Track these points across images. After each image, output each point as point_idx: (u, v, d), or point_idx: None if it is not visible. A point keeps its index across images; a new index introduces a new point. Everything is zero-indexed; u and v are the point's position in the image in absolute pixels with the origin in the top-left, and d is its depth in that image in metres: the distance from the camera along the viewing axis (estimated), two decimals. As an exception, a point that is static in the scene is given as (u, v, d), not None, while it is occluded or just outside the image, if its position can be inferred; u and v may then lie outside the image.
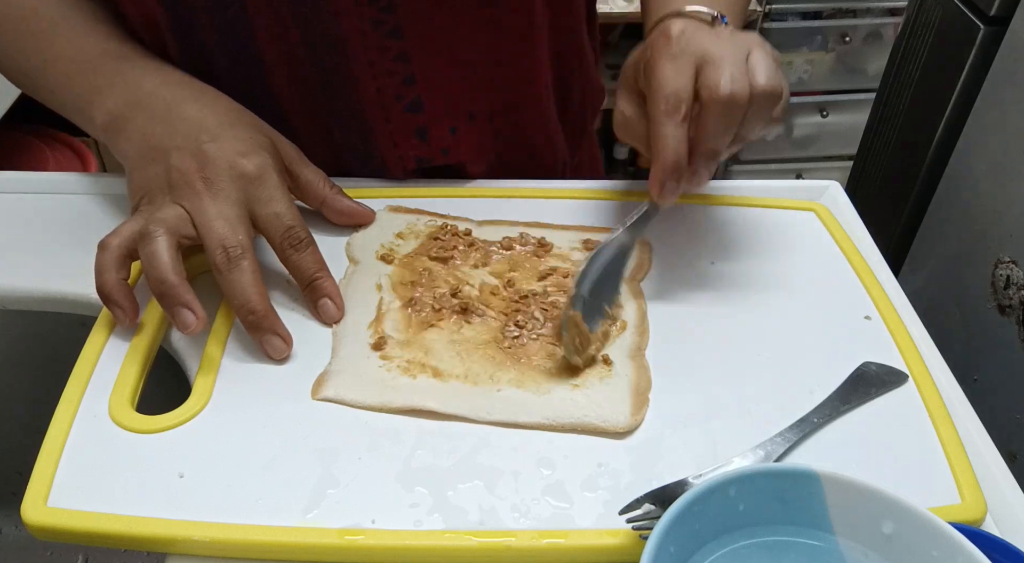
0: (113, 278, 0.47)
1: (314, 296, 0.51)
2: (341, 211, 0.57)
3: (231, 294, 0.47)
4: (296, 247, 0.50)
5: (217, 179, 0.48)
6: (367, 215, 0.58)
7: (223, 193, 0.48)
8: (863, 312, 0.53)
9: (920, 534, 0.35)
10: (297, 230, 0.50)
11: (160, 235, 0.46)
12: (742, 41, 0.48)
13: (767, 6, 1.71)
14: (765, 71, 0.47)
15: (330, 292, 0.51)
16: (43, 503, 0.40)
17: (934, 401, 0.47)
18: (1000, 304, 0.98)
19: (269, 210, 0.49)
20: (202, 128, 0.50)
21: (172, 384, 0.49)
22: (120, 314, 0.47)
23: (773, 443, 0.44)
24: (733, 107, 0.46)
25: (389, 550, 0.39)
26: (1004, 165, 0.97)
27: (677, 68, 0.47)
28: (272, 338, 0.48)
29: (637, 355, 0.49)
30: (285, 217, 0.50)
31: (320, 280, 0.51)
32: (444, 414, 0.45)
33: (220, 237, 0.47)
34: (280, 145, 0.54)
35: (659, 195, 0.49)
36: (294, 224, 0.50)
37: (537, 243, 0.57)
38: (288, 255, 0.50)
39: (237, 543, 0.39)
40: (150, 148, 0.50)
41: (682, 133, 0.47)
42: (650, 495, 0.40)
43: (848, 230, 0.60)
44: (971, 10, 1.01)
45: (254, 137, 0.51)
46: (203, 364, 0.47)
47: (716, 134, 0.47)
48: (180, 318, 0.46)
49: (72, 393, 0.45)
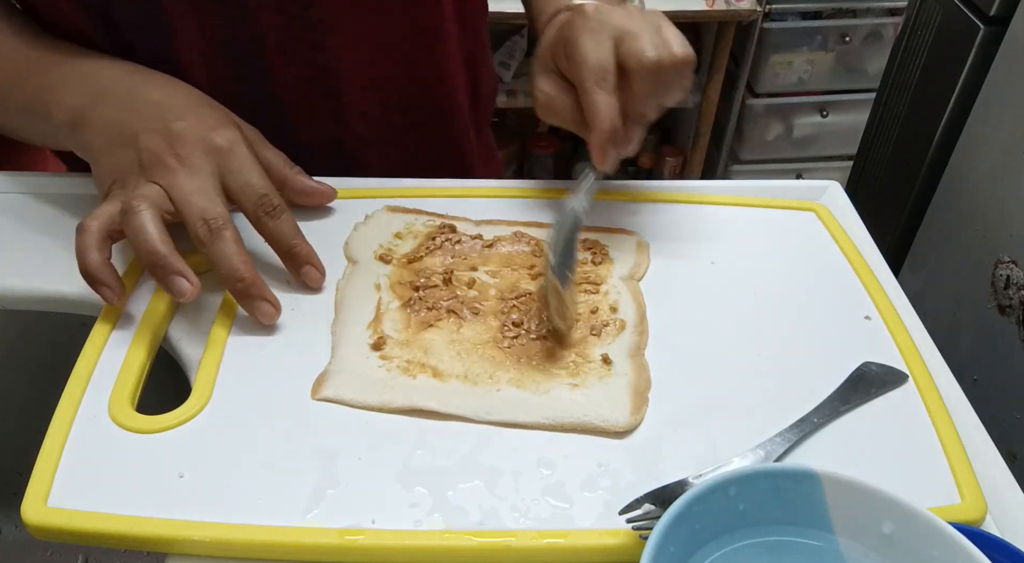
0: (96, 258, 0.47)
1: (296, 263, 0.52)
2: (301, 191, 0.57)
3: (218, 264, 0.48)
4: (271, 214, 0.51)
5: (189, 155, 0.49)
6: (327, 194, 0.58)
7: (197, 167, 0.49)
8: (863, 312, 0.53)
9: (920, 534, 0.35)
10: (270, 197, 0.51)
11: (144, 209, 0.46)
12: (652, 17, 0.52)
13: (767, 6, 1.71)
14: (679, 41, 0.50)
15: (309, 258, 0.52)
16: (43, 503, 0.40)
17: (934, 401, 0.47)
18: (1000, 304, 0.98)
19: (241, 180, 0.50)
20: (168, 109, 0.51)
21: (172, 384, 0.49)
22: (108, 293, 0.47)
23: (773, 443, 0.44)
24: (659, 72, 0.50)
25: (389, 550, 0.39)
26: (1004, 165, 0.97)
27: (598, 41, 0.50)
28: (261, 304, 0.49)
29: (636, 355, 0.49)
30: (258, 186, 0.51)
31: (298, 246, 0.51)
32: (444, 414, 0.45)
33: (200, 210, 0.47)
34: (242, 126, 0.54)
35: (602, 162, 0.52)
36: (267, 192, 0.51)
37: (534, 242, 0.57)
38: (264, 223, 0.51)
39: (237, 543, 0.39)
40: (119, 134, 0.50)
41: (614, 101, 0.50)
42: (650, 495, 0.40)
43: (848, 230, 0.60)
44: (971, 10, 1.01)
45: (219, 115, 0.52)
46: (203, 364, 0.47)
47: (645, 99, 0.51)
48: (175, 286, 0.46)
49: (72, 393, 0.45)
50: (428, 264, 0.55)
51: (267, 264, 0.54)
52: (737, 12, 1.69)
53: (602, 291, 0.53)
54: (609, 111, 0.50)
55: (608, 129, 0.50)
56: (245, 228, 0.51)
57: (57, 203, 0.60)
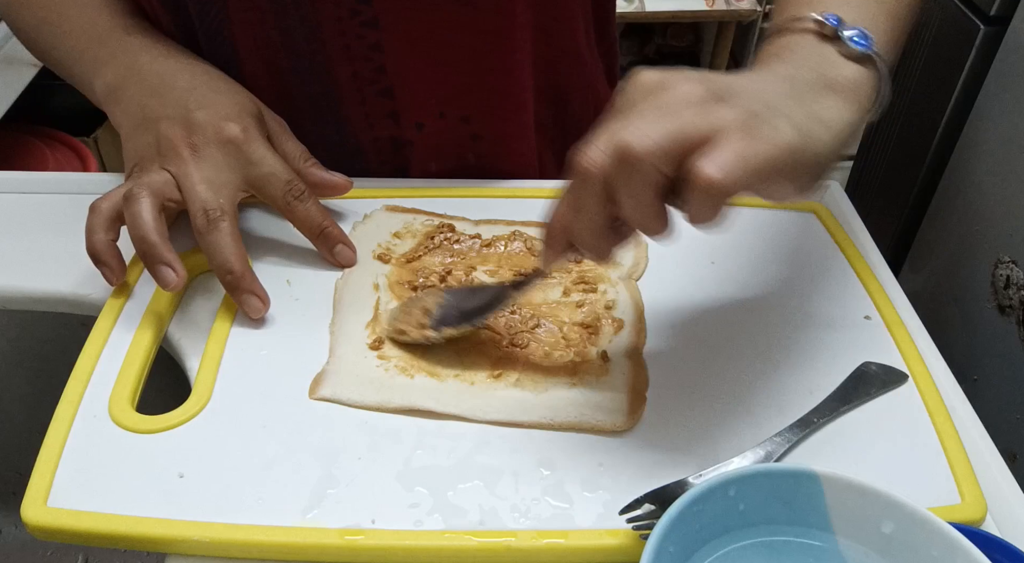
0: (102, 239, 0.48)
1: (328, 244, 0.53)
2: (315, 183, 0.56)
3: (210, 255, 0.48)
4: (300, 199, 0.52)
5: (204, 145, 0.50)
6: (342, 186, 0.56)
7: (209, 158, 0.50)
8: (863, 312, 0.53)
9: (920, 534, 0.35)
10: (296, 183, 0.52)
11: (144, 197, 0.47)
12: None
13: (767, 6, 1.71)
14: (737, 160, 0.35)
15: (342, 237, 0.54)
16: (43, 503, 0.40)
17: (934, 401, 0.47)
18: (1000, 304, 0.98)
19: (265, 169, 0.51)
20: (191, 97, 0.52)
21: (172, 384, 0.49)
22: (108, 273, 0.49)
23: (773, 443, 0.44)
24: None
25: (389, 550, 0.39)
26: (1004, 165, 0.97)
27: None
28: (249, 297, 0.49)
29: (634, 354, 0.49)
30: (281, 173, 0.52)
31: (329, 227, 0.53)
32: (442, 414, 0.45)
33: (202, 201, 0.48)
34: (266, 115, 0.55)
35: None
36: (291, 178, 0.52)
37: (533, 242, 0.57)
38: (294, 208, 0.52)
39: (237, 543, 0.39)
40: (143, 118, 0.52)
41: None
42: (650, 495, 0.40)
43: (848, 230, 0.60)
44: (971, 10, 1.01)
45: (242, 104, 0.53)
46: (203, 364, 0.47)
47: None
48: (161, 276, 0.47)
49: (72, 393, 0.45)
50: (427, 263, 0.55)
51: (267, 266, 0.54)
52: (737, 12, 1.69)
53: (600, 290, 0.53)
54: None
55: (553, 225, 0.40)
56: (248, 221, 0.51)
57: (57, 203, 0.60)
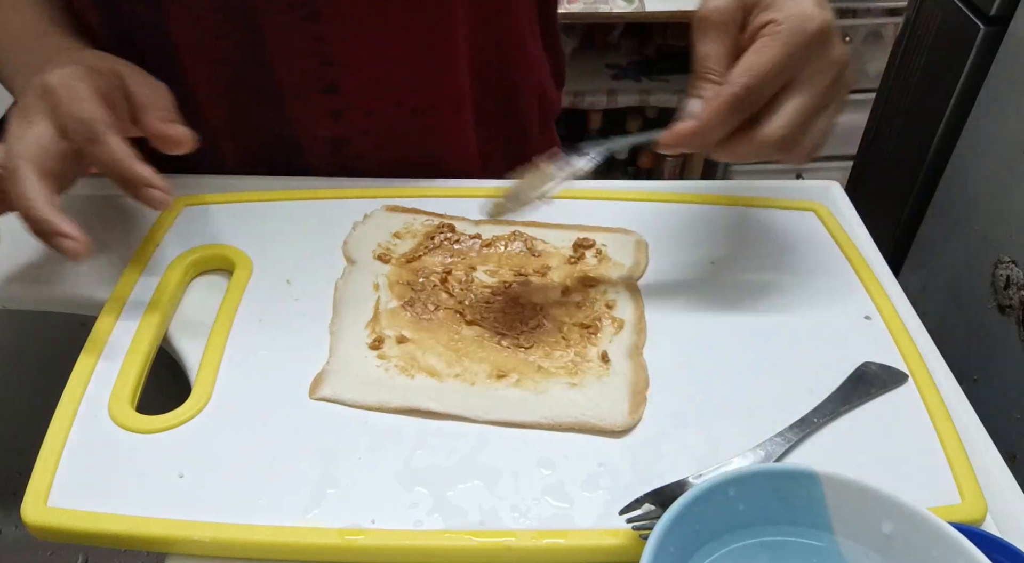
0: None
1: (132, 187, 0.47)
2: (152, 134, 0.50)
3: (16, 207, 0.45)
4: (94, 140, 0.46)
5: (29, 106, 0.47)
6: (174, 137, 0.50)
7: (30, 115, 0.47)
8: (863, 312, 0.53)
9: (920, 534, 0.35)
10: (92, 124, 0.46)
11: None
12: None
13: (767, 6, 1.71)
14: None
15: (150, 179, 0.47)
16: (43, 503, 0.40)
17: (934, 401, 0.47)
18: (1000, 304, 0.98)
19: (62, 112, 0.47)
20: (52, 68, 0.48)
21: (172, 384, 0.49)
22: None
23: (773, 443, 0.44)
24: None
25: (389, 550, 0.39)
26: (1004, 165, 0.97)
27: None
28: (61, 240, 0.45)
29: (635, 354, 0.49)
30: (80, 113, 0.46)
31: (129, 169, 0.47)
32: (443, 414, 0.45)
33: (1, 159, 0.46)
34: (119, 68, 0.51)
35: (670, 136, 0.46)
36: (88, 118, 0.46)
37: (533, 242, 0.57)
38: (88, 152, 0.47)
39: (237, 543, 0.39)
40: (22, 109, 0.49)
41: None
42: (650, 495, 0.40)
43: (848, 230, 0.60)
44: (971, 10, 1.01)
45: (93, 64, 0.49)
46: (203, 364, 0.47)
47: None
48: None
49: (72, 393, 0.45)
50: (427, 263, 0.55)
51: (267, 266, 0.53)
52: (737, 12, 1.69)
53: (600, 290, 0.53)
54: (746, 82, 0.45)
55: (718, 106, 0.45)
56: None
57: (57, 203, 0.59)
